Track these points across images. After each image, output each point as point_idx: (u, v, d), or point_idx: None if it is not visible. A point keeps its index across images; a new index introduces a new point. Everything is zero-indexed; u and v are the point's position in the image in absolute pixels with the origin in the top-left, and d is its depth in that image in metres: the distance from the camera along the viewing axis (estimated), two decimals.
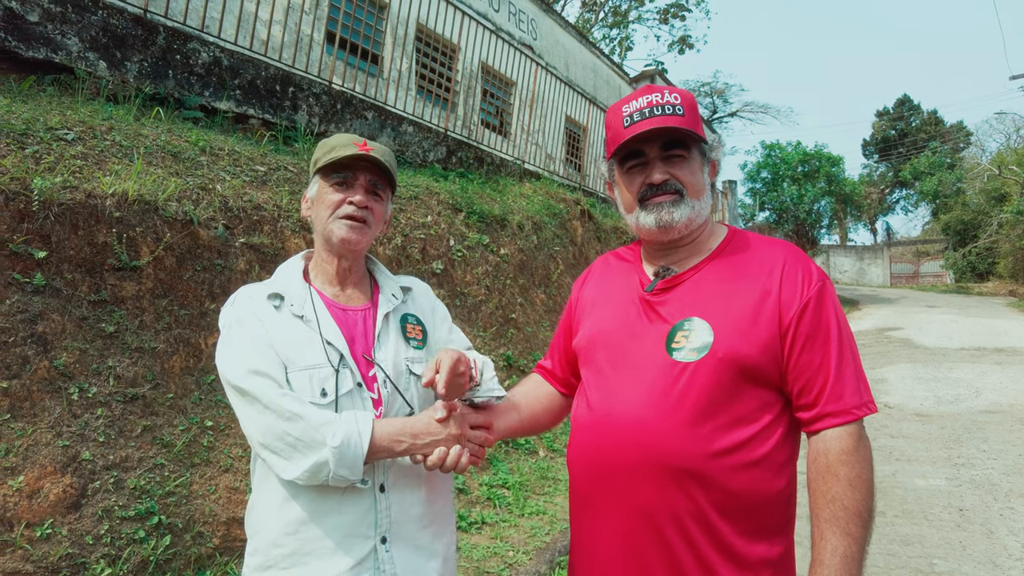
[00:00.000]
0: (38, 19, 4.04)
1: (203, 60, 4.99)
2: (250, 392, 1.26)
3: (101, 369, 2.85)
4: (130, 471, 2.71)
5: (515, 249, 6.66)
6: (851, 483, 1.15)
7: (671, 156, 1.30)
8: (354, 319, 1.45)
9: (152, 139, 3.87)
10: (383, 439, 1.25)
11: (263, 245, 3.84)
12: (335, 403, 1.31)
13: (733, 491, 1.18)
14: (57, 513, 2.42)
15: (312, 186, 1.50)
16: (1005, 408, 6.89)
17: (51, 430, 2.56)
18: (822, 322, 1.21)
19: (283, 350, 1.33)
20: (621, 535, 1.24)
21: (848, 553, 1.13)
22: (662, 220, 1.29)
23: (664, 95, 1.29)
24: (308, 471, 1.22)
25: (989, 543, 3.67)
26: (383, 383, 1.38)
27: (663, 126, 1.26)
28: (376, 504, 1.32)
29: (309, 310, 1.39)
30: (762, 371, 1.20)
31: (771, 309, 1.22)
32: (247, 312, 1.37)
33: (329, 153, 1.43)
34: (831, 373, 1.19)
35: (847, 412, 1.18)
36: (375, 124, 6.48)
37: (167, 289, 3.28)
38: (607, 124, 1.37)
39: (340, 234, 1.41)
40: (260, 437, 1.26)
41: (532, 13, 13.04)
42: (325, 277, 1.49)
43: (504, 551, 3.44)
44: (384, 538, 1.32)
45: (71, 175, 3.12)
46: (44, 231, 2.87)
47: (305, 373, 1.32)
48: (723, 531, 1.18)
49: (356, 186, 1.44)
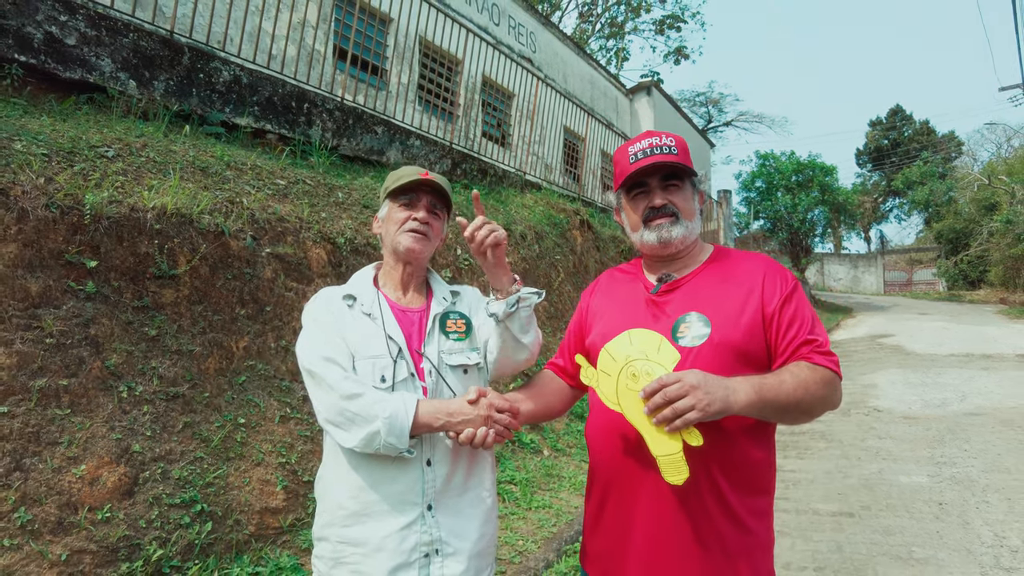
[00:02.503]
0: (75, 42, 4.30)
1: (224, 78, 5.26)
2: (319, 375, 1.54)
3: (145, 369, 3.10)
4: (174, 463, 2.96)
5: (518, 258, 6.92)
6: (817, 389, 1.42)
7: (669, 185, 1.62)
8: (411, 319, 1.72)
9: (182, 155, 4.14)
10: (425, 415, 1.51)
11: (287, 254, 4.10)
12: (391, 388, 1.58)
13: (735, 460, 1.46)
14: (114, 499, 2.67)
15: (383, 209, 1.80)
16: (988, 411, 7.17)
17: (105, 424, 2.81)
18: (799, 309, 1.52)
19: (352, 341, 1.61)
20: (655, 514, 1.46)
21: (769, 389, 1.37)
22: (662, 237, 1.60)
23: (662, 138, 1.60)
24: (364, 439, 1.49)
25: (964, 533, 3.94)
26: (429, 373, 1.65)
27: (663, 161, 1.56)
28: (423, 476, 1.58)
29: (376, 310, 1.68)
30: (751, 352, 1.49)
31: (755, 304, 1.52)
32: (324, 309, 1.66)
33: (398, 180, 1.73)
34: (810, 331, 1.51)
35: (831, 354, 1.47)
36: (384, 138, 6.75)
37: (202, 296, 3.53)
38: (615, 162, 1.69)
39: (406, 244, 1.71)
40: (325, 412, 1.54)
41: (531, 26, 13.37)
42: (391, 283, 1.78)
43: (514, 540, 3.69)
44: (430, 505, 1.58)
45: (115, 190, 3.38)
46: (94, 242, 3.13)
47: (369, 361, 1.59)
48: (730, 498, 1.45)
49: (419, 206, 1.74)
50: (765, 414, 1.42)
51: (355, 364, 1.59)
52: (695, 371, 1.33)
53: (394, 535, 1.54)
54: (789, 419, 1.46)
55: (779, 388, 1.38)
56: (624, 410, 1.42)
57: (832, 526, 4.19)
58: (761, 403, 1.36)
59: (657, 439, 1.36)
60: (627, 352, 1.45)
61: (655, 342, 1.43)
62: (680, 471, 1.34)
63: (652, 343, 1.43)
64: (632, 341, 1.46)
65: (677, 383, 1.29)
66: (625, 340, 1.47)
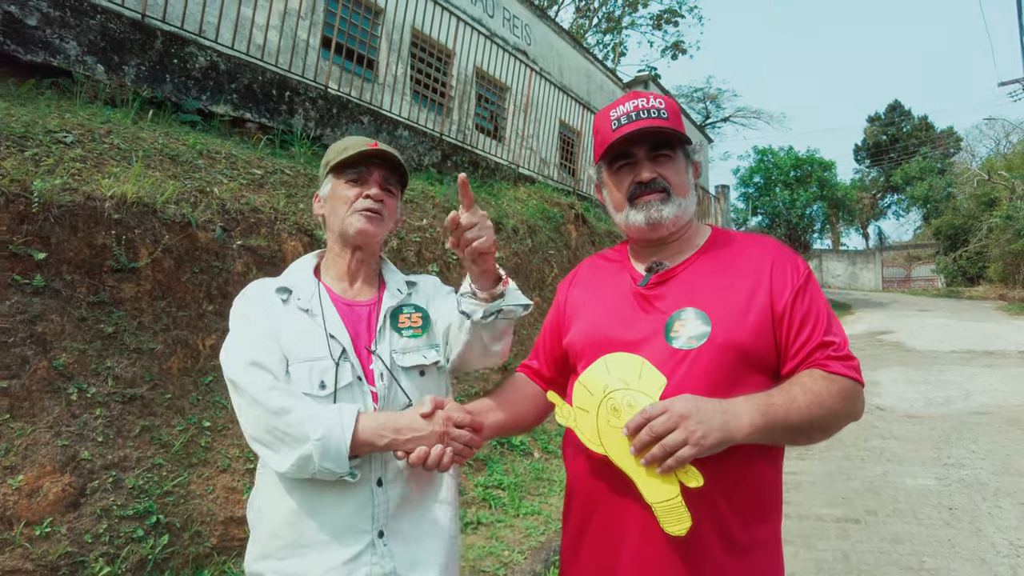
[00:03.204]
0: (37, 23, 4.07)
1: (200, 64, 5.02)
2: (242, 386, 1.30)
3: (100, 369, 2.87)
4: (128, 471, 2.73)
5: (510, 253, 6.70)
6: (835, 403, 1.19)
7: (658, 156, 1.36)
8: (359, 314, 1.48)
9: (150, 142, 3.90)
10: (366, 432, 1.27)
11: (260, 247, 3.87)
12: (333, 395, 1.34)
13: (735, 476, 1.22)
14: (56, 512, 2.44)
15: (325, 185, 1.55)
16: (994, 409, 6.97)
17: (50, 430, 2.58)
18: (813, 304, 1.28)
19: (286, 342, 1.37)
20: (639, 533, 1.23)
21: (778, 409, 1.15)
22: (651, 218, 1.35)
23: (649, 100, 1.35)
24: (295, 464, 1.25)
25: (977, 540, 3.73)
26: (380, 376, 1.42)
27: (650, 127, 1.31)
28: (373, 498, 1.35)
29: (315, 304, 1.44)
30: (758, 355, 1.25)
31: (763, 298, 1.28)
32: (254, 305, 1.42)
33: (342, 152, 1.49)
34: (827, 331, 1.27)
35: (850, 358, 1.24)
36: (371, 128, 6.52)
37: (165, 291, 3.30)
38: (595, 129, 1.43)
39: (358, 226, 1.46)
40: (251, 430, 1.30)
41: (526, 19, 13.13)
42: (336, 272, 1.53)
43: (500, 551, 3.47)
44: (381, 532, 1.35)
45: (70, 177, 3.15)
46: (44, 233, 2.89)
47: (305, 365, 1.35)
48: (728, 519, 1.22)
49: (370, 181, 1.50)
50: (775, 438, 1.19)
51: (289, 369, 1.35)
52: (685, 397, 1.11)
53: (339, 568, 1.30)
54: (803, 440, 1.24)
55: (789, 407, 1.15)
56: (608, 451, 1.20)
57: (837, 533, 3.98)
58: (769, 427, 1.14)
59: (649, 484, 1.14)
60: (604, 382, 1.23)
61: (635, 367, 1.21)
62: (681, 519, 1.12)
63: (632, 368, 1.21)
64: (608, 368, 1.24)
65: (664, 414, 1.08)
66: (600, 368, 1.25)
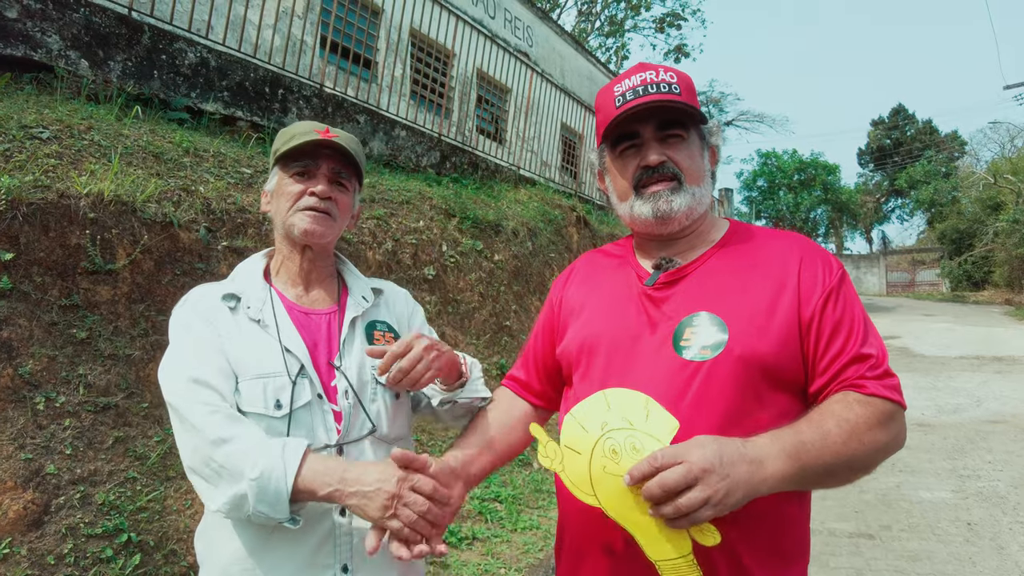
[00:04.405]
0: (16, 15, 3.92)
1: (190, 61, 4.87)
2: (181, 409, 1.13)
3: (71, 377, 2.70)
4: (99, 485, 2.56)
5: (509, 255, 6.53)
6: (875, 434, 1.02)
7: (668, 137, 1.18)
8: (317, 324, 1.31)
9: (133, 139, 3.75)
10: (309, 477, 1.07)
11: (247, 248, 3.70)
12: (289, 416, 1.18)
13: (755, 513, 1.03)
14: (16, 531, 2.27)
15: (271, 178, 1.38)
16: (1008, 418, 6.77)
17: (13, 442, 2.41)
18: (847, 310, 1.10)
19: (236, 357, 1.19)
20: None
21: (810, 451, 0.97)
22: (659, 210, 1.16)
23: (660, 73, 1.17)
24: (229, 503, 1.07)
25: (1000, 559, 3.54)
26: (344, 394, 1.25)
27: (660, 101, 1.13)
28: (336, 530, 1.19)
29: (268, 313, 1.26)
30: (783, 369, 1.07)
31: (789, 302, 1.10)
32: (196, 315, 1.23)
33: (288, 142, 1.30)
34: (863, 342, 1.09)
35: (890, 375, 1.06)
36: (367, 127, 6.37)
37: (144, 294, 3.14)
38: (598, 107, 1.24)
39: (302, 226, 1.29)
40: (188, 459, 1.13)
41: (528, 20, 13.00)
42: (287, 277, 1.35)
43: (496, 568, 3.29)
44: (346, 567, 1.19)
45: (43, 174, 2.99)
46: (12, 232, 2.73)
47: (259, 382, 1.18)
48: (745, 559, 1.04)
49: (318, 175, 1.32)
50: (806, 484, 1.01)
51: (239, 386, 1.18)
52: (702, 442, 0.91)
53: None
54: (838, 483, 1.05)
55: (823, 445, 0.97)
56: (603, 502, 0.99)
57: (850, 549, 3.79)
58: (799, 474, 0.96)
59: (655, 540, 0.96)
60: (603, 419, 1.02)
61: (640, 406, 1.00)
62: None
63: (636, 408, 1.00)
64: (609, 404, 1.03)
65: (680, 467, 0.87)
66: (599, 402, 1.04)
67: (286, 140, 1.32)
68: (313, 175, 1.32)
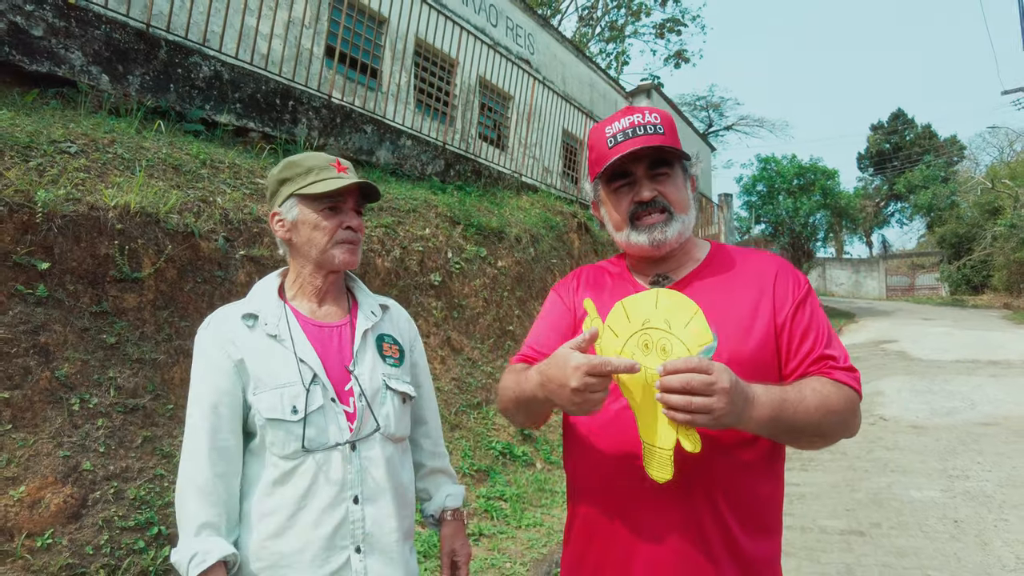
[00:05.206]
0: (42, 33, 4.09)
1: (204, 74, 5.04)
2: (186, 435, 1.37)
3: (102, 380, 2.87)
4: (130, 481, 2.72)
5: (512, 261, 6.70)
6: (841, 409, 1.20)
7: (657, 174, 1.34)
8: (329, 335, 1.49)
9: (154, 152, 3.92)
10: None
11: (263, 257, 3.87)
12: (304, 420, 1.36)
13: (743, 490, 1.23)
14: (58, 523, 2.43)
15: (290, 209, 1.47)
16: (1000, 420, 6.92)
17: (52, 440, 2.58)
18: (814, 318, 1.30)
19: (255, 370, 1.38)
20: (669, 553, 1.22)
21: (788, 407, 1.14)
22: (655, 239, 1.33)
23: (645, 115, 1.33)
24: None
25: (983, 554, 3.69)
26: (358, 397, 1.43)
27: (649, 145, 1.30)
28: (348, 516, 1.38)
29: (283, 329, 1.43)
30: (763, 366, 1.25)
31: (766, 311, 1.28)
32: (214, 343, 1.42)
33: (308, 175, 1.45)
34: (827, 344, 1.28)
35: (853, 371, 1.25)
36: (374, 137, 6.54)
37: (168, 301, 3.31)
38: (590, 145, 1.41)
39: (342, 258, 1.46)
40: (179, 480, 1.36)
41: (529, 28, 13.18)
42: (306, 294, 1.51)
43: (501, 563, 3.45)
44: (359, 548, 1.38)
45: (74, 187, 3.16)
46: (47, 243, 2.90)
47: (276, 392, 1.37)
48: (734, 530, 1.22)
49: (347, 210, 1.48)
50: (775, 434, 1.18)
51: (259, 396, 1.37)
52: (728, 371, 1.05)
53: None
54: (802, 443, 1.23)
55: (798, 406, 1.15)
56: (622, 381, 1.16)
57: (841, 546, 3.95)
58: (774, 422, 1.13)
59: (652, 425, 1.12)
60: (647, 315, 1.13)
61: (687, 313, 1.10)
62: (665, 469, 1.11)
63: (683, 313, 1.10)
64: (658, 304, 1.13)
65: (707, 378, 1.02)
66: (649, 300, 1.14)
67: (303, 174, 1.46)
68: (342, 210, 1.47)
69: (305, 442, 1.35)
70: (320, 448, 1.37)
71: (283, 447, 1.36)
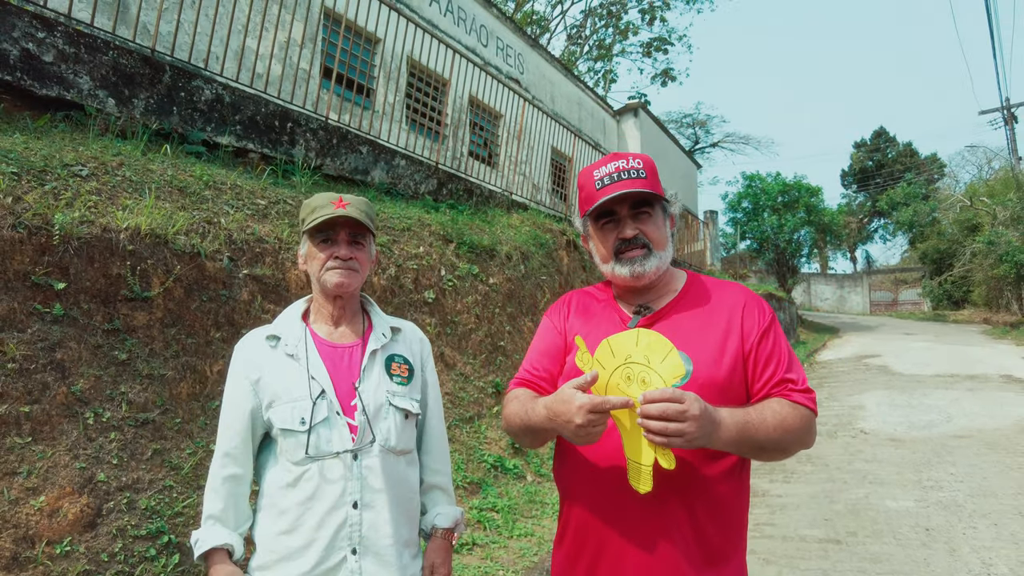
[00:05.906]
0: (52, 59, 4.24)
1: (206, 97, 5.21)
2: (217, 441, 1.64)
3: (114, 395, 3.00)
4: (141, 492, 2.86)
5: (503, 279, 6.88)
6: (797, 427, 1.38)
7: (639, 214, 1.53)
8: (341, 354, 1.68)
9: (160, 174, 4.07)
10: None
11: (265, 276, 4.03)
12: (309, 430, 1.56)
13: (716, 498, 1.41)
14: (75, 532, 2.56)
15: (304, 245, 1.73)
16: (974, 433, 7.16)
17: (69, 452, 2.71)
18: (776, 345, 1.49)
19: (273, 386, 1.61)
20: (653, 552, 1.40)
21: (750, 427, 1.32)
22: (635, 272, 1.52)
23: (629, 161, 1.52)
24: None
25: (951, 560, 3.89)
26: (361, 411, 1.61)
27: (631, 190, 1.48)
28: (347, 520, 1.56)
29: (300, 349, 1.64)
30: (731, 390, 1.43)
31: (735, 339, 1.47)
32: (239, 362, 1.68)
33: (311, 215, 1.67)
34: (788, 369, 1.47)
35: (809, 392, 1.43)
36: (369, 158, 6.72)
37: (176, 319, 3.45)
38: (580, 185, 1.60)
39: (333, 280, 1.66)
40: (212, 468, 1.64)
41: (519, 48, 13.47)
42: (323, 318, 1.74)
43: (494, 571, 3.59)
44: (355, 550, 1.55)
45: (88, 210, 3.30)
46: (63, 264, 3.05)
47: (289, 405, 1.58)
48: (708, 530, 1.40)
49: (339, 242, 1.68)
50: (741, 451, 1.38)
51: (276, 409, 1.59)
52: (698, 400, 1.23)
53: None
54: (764, 456, 1.42)
55: (760, 426, 1.34)
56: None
57: (819, 553, 4.13)
58: (739, 441, 1.32)
59: (634, 444, 1.30)
60: (628, 351, 1.31)
61: (663, 350, 1.28)
62: (646, 483, 1.29)
63: (660, 350, 1.28)
64: (638, 342, 1.31)
65: (682, 407, 1.20)
66: (630, 338, 1.32)
67: (309, 213, 1.68)
68: (335, 241, 1.68)
69: (309, 449, 1.55)
70: (323, 456, 1.56)
71: (293, 454, 1.57)
